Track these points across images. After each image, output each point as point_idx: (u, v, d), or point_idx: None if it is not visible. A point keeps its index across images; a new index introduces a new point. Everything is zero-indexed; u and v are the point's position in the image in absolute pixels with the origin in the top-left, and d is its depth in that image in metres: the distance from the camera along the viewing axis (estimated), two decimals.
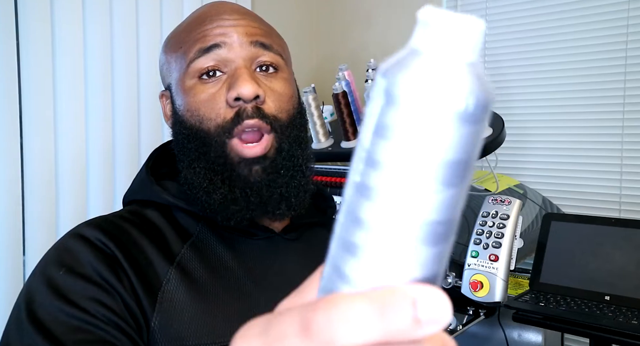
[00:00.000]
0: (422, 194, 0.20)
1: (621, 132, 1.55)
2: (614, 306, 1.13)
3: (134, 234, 0.66)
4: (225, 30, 0.68)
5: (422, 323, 0.20)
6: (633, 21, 1.52)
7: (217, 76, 0.68)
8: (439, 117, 0.20)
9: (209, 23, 0.69)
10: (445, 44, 0.20)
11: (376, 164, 0.21)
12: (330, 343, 0.21)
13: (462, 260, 1.16)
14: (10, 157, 1.26)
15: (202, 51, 0.67)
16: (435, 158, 0.20)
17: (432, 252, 0.21)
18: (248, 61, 0.68)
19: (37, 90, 1.30)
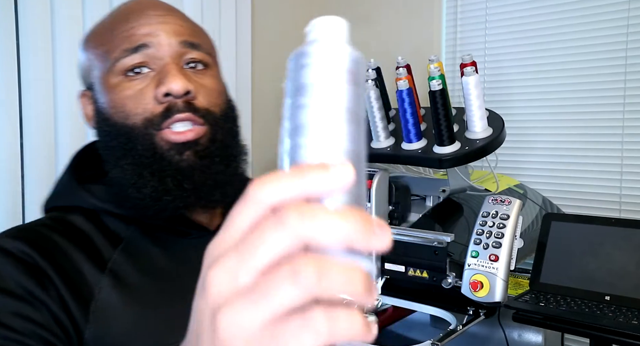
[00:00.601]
0: (340, 90, 0.30)
1: (621, 132, 1.55)
2: (614, 306, 1.13)
3: (60, 242, 0.63)
4: (151, 28, 0.65)
5: (331, 171, 0.27)
6: (633, 21, 1.52)
7: (144, 72, 0.65)
8: (336, 60, 0.32)
9: (133, 21, 0.66)
10: (328, 32, 0.34)
11: (302, 90, 0.31)
12: (262, 201, 0.27)
13: (462, 260, 1.16)
14: (10, 155, 1.26)
15: (129, 51, 0.65)
16: (340, 69, 0.32)
17: (353, 129, 0.30)
18: (177, 58, 0.66)
19: (37, 89, 1.30)
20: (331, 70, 0.31)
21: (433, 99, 1.22)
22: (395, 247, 1.29)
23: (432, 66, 1.25)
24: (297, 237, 0.26)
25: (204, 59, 0.68)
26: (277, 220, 0.26)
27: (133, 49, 0.64)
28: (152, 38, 0.65)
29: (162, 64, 0.65)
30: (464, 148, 1.24)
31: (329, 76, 0.31)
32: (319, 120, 0.30)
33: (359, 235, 0.27)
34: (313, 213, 0.27)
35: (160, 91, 0.63)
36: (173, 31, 0.66)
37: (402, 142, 1.33)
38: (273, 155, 1.99)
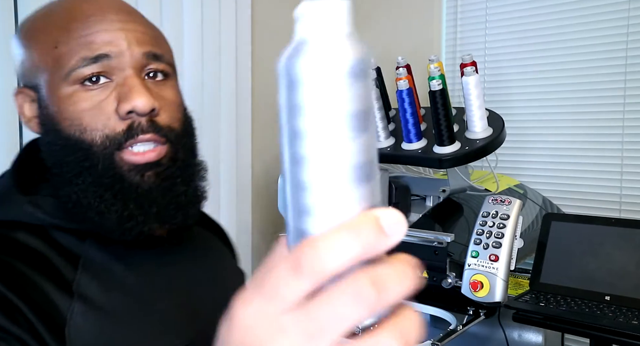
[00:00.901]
0: (342, 145, 0.25)
1: (621, 132, 1.55)
2: (614, 306, 1.13)
3: (19, 267, 0.57)
4: (112, 36, 0.60)
5: (387, 232, 0.26)
6: (633, 21, 1.52)
7: (101, 82, 0.60)
8: (335, 81, 0.25)
9: (93, 25, 0.60)
10: (323, 26, 0.26)
11: (299, 136, 0.25)
12: (321, 271, 0.25)
13: (462, 260, 1.16)
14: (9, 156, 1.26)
15: (88, 60, 0.59)
16: (341, 113, 0.25)
17: (366, 188, 0.26)
18: (139, 69, 0.62)
19: None
20: (329, 88, 0.25)
21: (433, 99, 1.22)
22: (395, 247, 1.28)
23: (432, 66, 1.25)
24: (372, 310, 0.26)
25: (165, 69, 0.65)
26: (353, 293, 0.25)
27: (93, 59, 0.59)
28: (113, 47, 0.60)
29: (124, 76, 0.61)
30: (464, 148, 1.24)
31: (327, 97, 0.25)
32: (325, 176, 0.25)
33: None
34: (385, 283, 0.27)
35: (124, 108, 0.59)
36: (136, 40, 0.62)
37: (402, 142, 1.33)
38: (273, 156, 1.99)
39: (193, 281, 0.70)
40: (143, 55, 0.62)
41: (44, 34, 0.61)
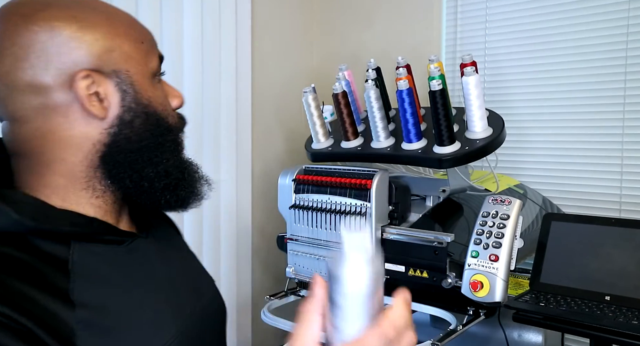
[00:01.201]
0: (361, 305, 0.50)
1: (621, 132, 1.55)
2: (614, 306, 1.13)
3: (17, 286, 0.56)
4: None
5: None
6: (633, 21, 1.52)
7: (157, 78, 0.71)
8: (360, 285, 0.49)
9: (147, 31, 0.71)
10: (356, 250, 0.48)
11: (337, 304, 0.50)
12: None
13: (462, 260, 1.16)
14: None
15: (160, 59, 0.71)
16: (361, 294, 0.49)
17: (373, 301, 0.50)
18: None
19: None
20: (357, 285, 0.49)
21: (433, 99, 1.22)
22: (395, 247, 1.29)
23: (432, 66, 1.25)
24: None
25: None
26: None
27: (161, 58, 0.72)
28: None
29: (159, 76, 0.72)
30: (464, 148, 1.24)
31: (356, 290, 0.49)
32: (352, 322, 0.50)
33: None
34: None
35: (175, 103, 0.72)
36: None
37: (402, 142, 1.33)
38: (273, 156, 1.99)
39: (172, 270, 0.73)
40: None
41: (129, 28, 0.66)
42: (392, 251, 1.27)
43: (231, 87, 1.77)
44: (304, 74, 2.10)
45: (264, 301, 1.47)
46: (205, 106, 1.69)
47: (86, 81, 0.61)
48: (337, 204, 1.32)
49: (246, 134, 1.82)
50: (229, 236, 1.78)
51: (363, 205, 1.27)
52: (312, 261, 1.38)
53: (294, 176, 1.41)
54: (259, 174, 1.92)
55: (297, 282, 1.44)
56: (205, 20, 1.68)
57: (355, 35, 2.07)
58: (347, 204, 1.30)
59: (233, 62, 1.77)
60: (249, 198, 1.85)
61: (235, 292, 1.79)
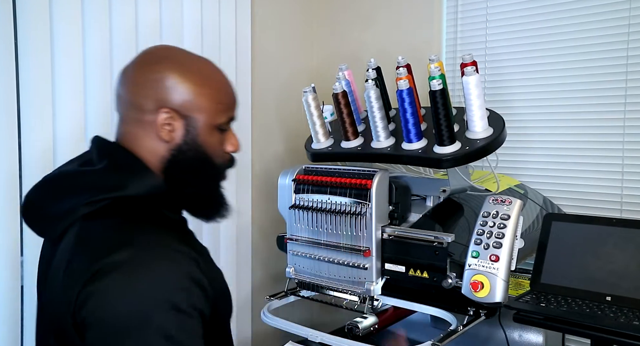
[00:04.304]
0: None
1: (622, 132, 1.55)
2: (615, 307, 1.12)
3: (197, 251, 0.89)
4: (236, 106, 1.00)
5: None
6: (634, 21, 1.51)
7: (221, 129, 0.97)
8: None
9: (233, 97, 0.99)
10: None
11: None
12: None
13: (463, 260, 1.16)
14: (8, 157, 1.26)
15: (229, 119, 0.98)
16: None
17: None
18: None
19: (35, 90, 1.30)
20: None
21: (433, 99, 1.22)
22: (395, 247, 1.29)
23: (432, 66, 1.24)
24: None
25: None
26: None
27: (232, 118, 0.99)
28: (235, 113, 1.00)
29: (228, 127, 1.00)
30: (465, 148, 1.24)
31: None
32: None
33: None
34: None
35: (229, 149, 0.99)
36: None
37: (403, 142, 1.32)
38: (273, 156, 1.99)
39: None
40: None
41: (212, 89, 0.94)
42: (392, 251, 1.27)
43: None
44: (304, 73, 2.10)
45: (263, 301, 1.47)
46: None
47: (166, 115, 0.90)
48: (337, 205, 1.31)
49: (246, 134, 1.82)
50: (229, 236, 1.78)
51: (363, 205, 1.27)
52: (312, 262, 1.38)
53: (293, 176, 1.40)
54: (259, 174, 1.91)
55: (297, 282, 1.44)
56: (205, 19, 1.68)
57: (355, 35, 2.06)
58: (347, 204, 1.30)
59: (233, 62, 1.77)
60: (249, 198, 1.84)
61: (235, 292, 1.78)
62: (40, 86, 1.30)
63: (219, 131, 0.95)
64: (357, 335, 1.23)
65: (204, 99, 0.92)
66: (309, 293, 1.46)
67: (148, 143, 0.92)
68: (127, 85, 0.93)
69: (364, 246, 1.27)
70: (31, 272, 1.31)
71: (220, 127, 0.95)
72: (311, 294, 1.46)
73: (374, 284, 1.28)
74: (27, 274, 1.31)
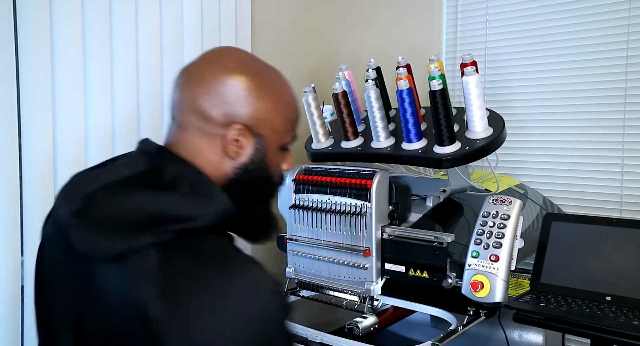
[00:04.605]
0: None
1: (622, 132, 1.55)
2: (615, 307, 1.12)
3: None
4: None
5: None
6: (634, 21, 1.52)
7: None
8: None
9: (299, 114, 0.91)
10: None
11: None
12: None
13: (463, 260, 1.16)
14: (8, 158, 1.26)
15: (294, 138, 0.91)
16: None
17: None
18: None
19: (35, 90, 1.30)
20: None
21: (433, 99, 1.22)
22: (395, 247, 1.29)
23: (432, 66, 1.24)
24: None
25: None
26: None
27: (294, 138, 0.91)
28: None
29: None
30: (465, 148, 1.24)
31: None
32: None
33: None
34: None
35: (286, 168, 0.91)
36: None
37: (403, 142, 1.32)
38: None
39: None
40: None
41: (288, 109, 0.88)
42: (392, 251, 1.27)
43: None
44: (304, 74, 2.10)
45: None
46: None
47: (237, 131, 0.81)
48: (337, 205, 1.31)
49: None
50: None
51: (363, 205, 1.27)
52: (312, 262, 1.38)
53: (293, 176, 1.41)
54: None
55: (297, 282, 1.44)
56: (205, 19, 1.68)
57: (355, 35, 2.06)
58: (347, 204, 1.30)
59: None
60: None
61: None
62: (40, 86, 1.30)
63: (282, 150, 0.88)
64: (357, 335, 1.23)
65: (277, 116, 0.85)
66: (309, 293, 1.46)
67: (213, 158, 0.82)
68: (192, 89, 0.82)
69: (364, 246, 1.27)
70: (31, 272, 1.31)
71: (283, 147, 0.88)
72: (311, 294, 1.46)
73: (374, 284, 1.28)
74: (27, 274, 1.30)
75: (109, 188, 0.77)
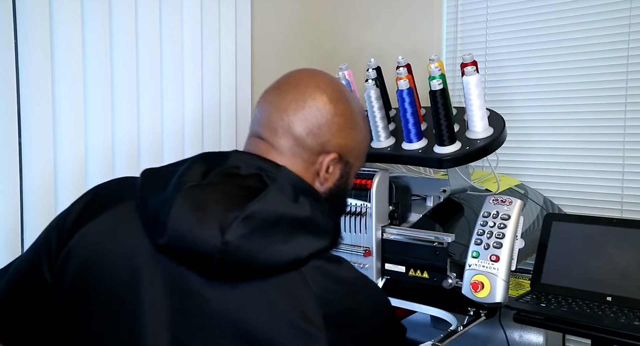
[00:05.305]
0: None
1: (623, 132, 1.54)
2: (615, 307, 1.12)
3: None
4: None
5: None
6: (635, 20, 1.51)
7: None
8: None
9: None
10: None
11: None
12: None
13: (463, 261, 1.16)
14: (8, 157, 1.26)
15: (364, 160, 0.94)
16: None
17: None
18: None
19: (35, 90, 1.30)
20: None
21: (433, 99, 1.22)
22: (395, 247, 1.29)
23: (432, 66, 1.24)
24: None
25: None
26: None
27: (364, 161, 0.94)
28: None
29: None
30: (465, 148, 1.23)
31: None
32: None
33: None
34: None
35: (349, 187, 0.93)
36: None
37: (403, 142, 1.32)
38: None
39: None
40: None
41: (364, 134, 0.91)
42: (392, 252, 1.27)
43: (231, 87, 1.77)
44: None
45: None
46: (205, 106, 1.68)
47: (331, 160, 0.84)
48: None
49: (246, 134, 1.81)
50: None
51: (363, 205, 1.27)
52: None
53: None
54: None
55: None
56: (205, 20, 1.67)
57: (355, 35, 2.06)
58: None
59: (233, 62, 1.77)
60: None
61: None
62: (40, 86, 1.30)
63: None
64: None
65: (362, 144, 0.90)
66: None
67: (310, 180, 0.84)
68: (286, 113, 0.83)
69: (364, 246, 1.27)
70: None
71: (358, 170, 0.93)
72: None
73: None
74: None
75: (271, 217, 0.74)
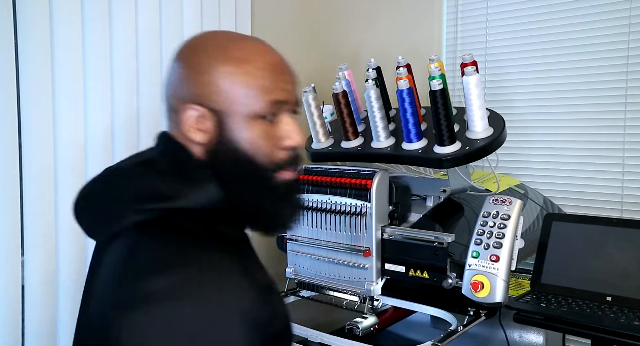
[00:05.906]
0: None
1: (623, 132, 1.54)
2: (615, 307, 1.12)
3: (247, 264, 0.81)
4: (289, 88, 0.79)
5: None
6: (635, 20, 1.51)
7: (269, 118, 0.77)
8: None
9: (280, 75, 0.78)
10: None
11: None
12: None
13: (463, 261, 1.16)
14: (8, 157, 1.26)
15: (274, 103, 0.76)
16: None
17: None
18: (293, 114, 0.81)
19: (35, 90, 1.30)
20: None
21: (433, 99, 1.22)
22: (395, 247, 1.29)
23: (432, 66, 1.24)
24: None
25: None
26: None
27: (278, 102, 0.77)
28: (289, 97, 0.79)
29: (282, 115, 0.79)
30: (465, 148, 1.23)
31: None
32: None
33: None
34: None
35: (289, 144, 0.78)
36: (296, 99, 0.82)
37: (403, 142, 1.32)
38: None
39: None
40: (295, 104, 0.81)
41: (248, 73, 0.76)
42: (392, 252, 1.27)
43: None
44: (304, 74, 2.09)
45: None
46: None
47: (192, 112, 0.76)
48: (337, 205, 1.31)
49: None
50: None
51: (363, 205, 1.27)
52: (312, 262, 1.38)
53: None
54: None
55: (297, 282, 1.44)
56: (205, 20, 1.67)
57: (355, 35, 2.06)
58: (347, 204, 1.29)
59: None
60: None
61: None
62: (40, 86, 1.30)
63: (265, 121, 0.76)
64: (357, 335, 1.23)
65: (237, 86, 0.75)
66: (309, 293, 1.45)
67: (184, 143, 0.78)
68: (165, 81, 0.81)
69: (364, 246, 1.27)
70: (32, 272, 1.31)
71: (264, 117, 0.76)
72: (311, 294, 1.45)
73: (374, 284, 1.28)
74: (28, 274, 1.30)
75: (113, 172, 0.80)
